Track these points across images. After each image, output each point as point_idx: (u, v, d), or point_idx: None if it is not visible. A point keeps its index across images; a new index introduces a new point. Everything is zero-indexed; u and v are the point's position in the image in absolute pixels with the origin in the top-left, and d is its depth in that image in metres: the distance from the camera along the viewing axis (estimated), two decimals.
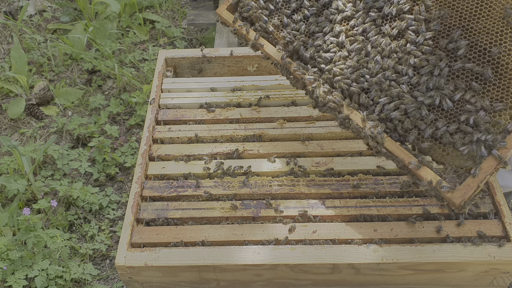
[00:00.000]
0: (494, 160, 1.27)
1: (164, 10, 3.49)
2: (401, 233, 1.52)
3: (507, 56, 1.33)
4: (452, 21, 1.40)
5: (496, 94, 1.33)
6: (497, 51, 1.33)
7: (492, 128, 1.31)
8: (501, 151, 1.26)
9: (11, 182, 2.30)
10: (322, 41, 1.56)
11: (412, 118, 1.38)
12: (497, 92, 1.33)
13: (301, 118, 1.90)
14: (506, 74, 1.33)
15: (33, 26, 3.38)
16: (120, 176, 2.54)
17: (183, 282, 1.57)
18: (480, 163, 1.29)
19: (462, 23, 1.39)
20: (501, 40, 1.35)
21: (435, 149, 1.37)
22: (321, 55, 1.55)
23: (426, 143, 1.37)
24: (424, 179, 1.34)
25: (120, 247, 1.52)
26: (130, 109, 2.84)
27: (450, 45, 1.39)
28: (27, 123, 2.82)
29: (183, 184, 1.70)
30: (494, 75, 1.34)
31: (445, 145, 1.36)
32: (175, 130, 1.89)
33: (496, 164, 1.26)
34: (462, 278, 1.50)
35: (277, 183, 1.69)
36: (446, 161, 1.36)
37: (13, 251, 2.01)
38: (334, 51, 1.54)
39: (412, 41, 1.43)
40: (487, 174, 1.27)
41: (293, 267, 1.48)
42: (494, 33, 1.35)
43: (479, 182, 1.27)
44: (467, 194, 1.28)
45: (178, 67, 2.21)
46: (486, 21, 1.37)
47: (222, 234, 1.56)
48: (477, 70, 1.35)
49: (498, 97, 1.33)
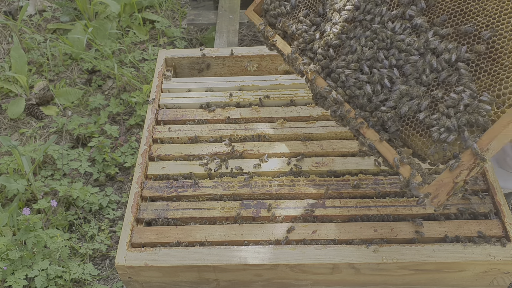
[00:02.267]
0: (471, 155, 1.18)
1: (164, 10, 3.49)
2: (401, 233, 1.52)
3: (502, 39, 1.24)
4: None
5: (486, 81, 1.25)
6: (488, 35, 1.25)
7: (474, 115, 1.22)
8: (478, 144, 1.18)
9: (11, 182, 2.30)
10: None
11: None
12: (486, 79, 1.25)
13: (301, 118, 1.90)
14: (499, 59, 1.23)
15: (33, 26, 3.38)
16: (120, 176, 2.54)
17: (183, 282, 1.56)
18: (456, 156, 1.21)
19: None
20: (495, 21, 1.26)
21: (405, 135, 1.32)
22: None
23: (393, 124, 1.32)
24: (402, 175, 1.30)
25: (120, 247, 1.52)
26: (130, 109, 2.84)
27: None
28: (27, 123, 2.82)
29: (183, 184, 1.70)
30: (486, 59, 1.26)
31: (417, 128, 1.29)
32: (175, 130, 1.89)
33: (473, 159, 1.18)
34: (462, 278, 1.50)
35: (277, 183, 1.68)
36: (423, 152, 1.30)
37: (13, 251, 2.01)
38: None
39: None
40: (462, 169, 1.18)
41: (293, 267, 1.48)
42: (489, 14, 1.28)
43: (453, 177, 1.19)
44: (439, 190, 1.20)
45: (178, 67, 2.21)
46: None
47: (222, 234, 1.56)
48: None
49: (486, 85, 1.24)
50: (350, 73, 1.43)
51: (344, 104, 1.43)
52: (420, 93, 1.31)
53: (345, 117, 1.44)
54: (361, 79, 1.41)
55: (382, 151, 1.35)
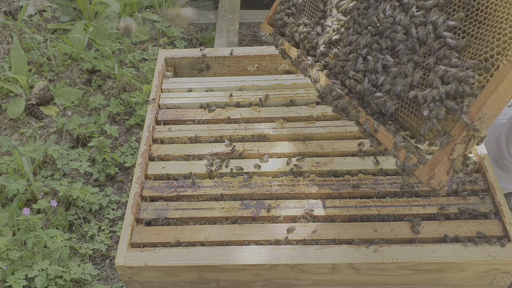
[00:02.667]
0: (462, 127, 1.12)
1: (164, 10, 3.49)
2: (401, 233, 1.52)
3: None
4: None
5: (475, 47, 1.18)
6: None
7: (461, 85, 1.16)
8: (469, 114, 1.11)
9: (11, 182, 2.30)
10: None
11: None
12: (475, 45, 1.18)
13: (301, 118, 1.90)
14: (485, 20, 1.16)
15: (33, 26, 3.38)
16: (120, 176, 2.54)
17: (183, 282, 1.56)
18: (447, 132, 1.15)
19: None
20: None
21: (401, 118, 1.28)
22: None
23: (390, 105, 1.29)
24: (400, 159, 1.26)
25: (120, 247, 1.52)
26: (130, 109, 2.84)
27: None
28: (27, 123, 2.82)
29: (183, 184, 1.70)
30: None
31: (409, 107, 1.26)
32: (175, 130, 1.89)
33: (465, 131, 1.11)
34: (462, 278, 1.50)
35: (277, 183, 1.68)
36: (418, 133, 1.26)
37: (13, 251, 2.01)
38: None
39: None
40: (455, 143, 1.12)
41: (293, 267, 1.48)
42: None
43: (447, 154, 1.12)
44: (435, 169, 1.14)
45: (178, 67, 2.21)
46: None
47: (222, 234, 1.56)
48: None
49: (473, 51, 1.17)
50: (350, 65, 1.43)
51: (345, 97, 1.43)
52: (411, 70, 1.27)
53: (346, 109, 1.42)
54: (358, 68, 1.40)
55: (381, 139, 1.32)
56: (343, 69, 1.44)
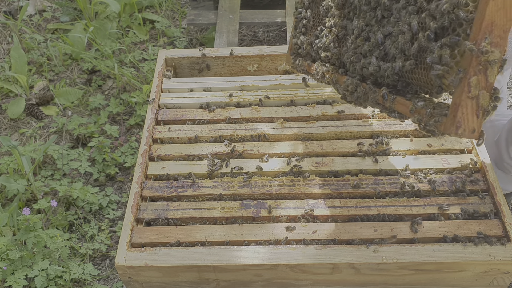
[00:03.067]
0: (469, 56, 1.00)
1: (164, 10, 3.49)
2: (401, 233, 1.52)
3: None
4: None
5: None
6: None
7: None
8: (471, 38, 1.01)
9: (11, 182, 2.30)
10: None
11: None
12: None
13: (301, 118, 1.90)
14: None
15: (33, 26, 3.38)
16: (120, 176, 2.54)
17: (183, 282, 1.56)
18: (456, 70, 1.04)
19: None
20: None
21: (416, 79, 1.21)
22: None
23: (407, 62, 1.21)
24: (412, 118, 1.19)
25: (120, 247, 1.52)
26: (130, 109, 2.84)
27: None
28: (27, 123, 2.82)
29: (183, 184, 1.70)
30: None
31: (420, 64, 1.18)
32: (175, 130, 1.89)
33: (474, 59, 1.00)
34: (462, 278, 1.50)
35: (277, 183, 1.68)
36: (432, 87, 1.16)
37: (13, 251, 2.01)
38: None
39: None
40: (470, 77, 1.00)
41: (293, 267, 1.48)
42: None
43: (466, 92, 1.00)
44: (457, 115, 1.02)
45: (178, 67, 2.21)
46: None
47: (222, 234, 1.56)
48: None
49: None
50: (357, 51, 1.43)
51: (361, 84, 1.42)
52: (407, 25, 1.22)
53: (366, 95, 1.38)
54: (365, 51, 1.39)
55: (401, 110, 1.26)
56: (354, 58, 1.44)
